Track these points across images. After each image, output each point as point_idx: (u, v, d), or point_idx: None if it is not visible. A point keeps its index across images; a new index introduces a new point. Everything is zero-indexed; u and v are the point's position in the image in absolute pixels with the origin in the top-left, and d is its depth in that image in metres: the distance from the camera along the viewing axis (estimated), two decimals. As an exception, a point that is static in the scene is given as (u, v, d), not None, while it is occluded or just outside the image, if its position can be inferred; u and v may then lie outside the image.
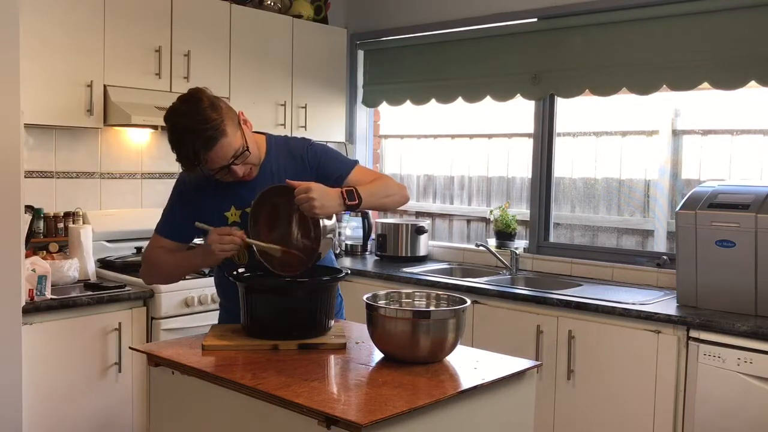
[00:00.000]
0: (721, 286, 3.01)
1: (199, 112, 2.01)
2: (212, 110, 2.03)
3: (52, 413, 3.01)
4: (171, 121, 2.04)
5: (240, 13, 4.02)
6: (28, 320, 2.87)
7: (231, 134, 2.04)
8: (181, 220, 2.22)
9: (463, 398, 1.68)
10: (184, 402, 1.88)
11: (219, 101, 2.08)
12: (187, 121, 2.01)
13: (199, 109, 2.01)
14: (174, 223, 2.24)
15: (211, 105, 2.04)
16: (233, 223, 2.18)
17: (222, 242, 2.03)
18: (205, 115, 2.01)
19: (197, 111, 2.01)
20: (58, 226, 3.54)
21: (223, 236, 2.04)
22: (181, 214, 2.22)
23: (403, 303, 2.08)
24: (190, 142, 2.00)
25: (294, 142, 2.30)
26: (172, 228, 2.24)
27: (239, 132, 2.08)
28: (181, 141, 2.02)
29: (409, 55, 4.55)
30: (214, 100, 2.07)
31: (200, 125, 1.99)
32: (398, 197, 2.24)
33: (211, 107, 2.03)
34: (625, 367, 3.04)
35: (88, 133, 3.71)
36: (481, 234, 4.52)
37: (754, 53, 3.26)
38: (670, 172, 3.78)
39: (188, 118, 2.01)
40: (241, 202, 2.18)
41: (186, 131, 2.00)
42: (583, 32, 3.78)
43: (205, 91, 2.08)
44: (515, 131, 4.37)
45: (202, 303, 3.40)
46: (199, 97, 2.05)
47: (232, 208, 2.18)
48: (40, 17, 3.21)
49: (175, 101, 2.08)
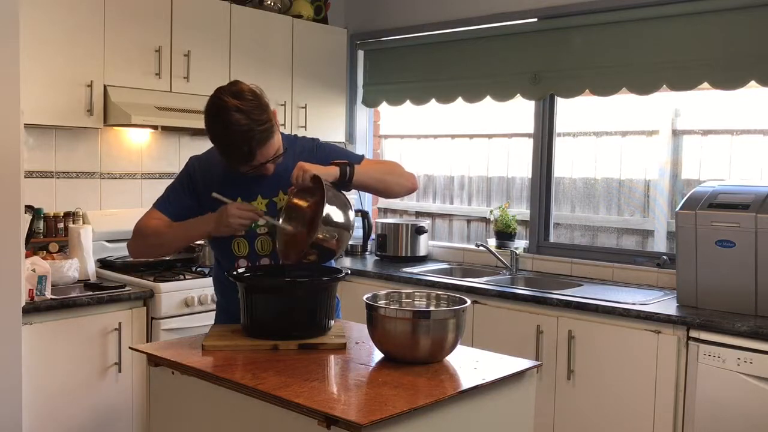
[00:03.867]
0: (721, 286, 3.01)
1: (255, 111, 2.03)
2: (263, 110, 2.06)
3: (52, 413, 3.01)
4: (224, 119, 2.02)
5: (240, 13, 4.02)
6: (28, 320, 2.87)
7: (276, 133, 2.11)
8: (183, 203, 2.25)
9: (463, 398, 1.68)
10: (184, 402, 1.88)
11: (265, 99, 2.10)
12: (244, 120, 2.01)
13: (255, 107, 2.04)
14: (175, 203, 2.26)
15: (262, 104, 2.07)
16: None
17: (241, 215, 2.06)
18: (260, 114, 2.04)
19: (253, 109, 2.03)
20: (58, 226, 3.54)
21: (243, 210, 2.08)
22: (184, 199, 2.26)
23: (403, 303, 2.07)
24: (247, 140, 2.02)
25: (303, 141, 2.33)
26: (172, 208, 2.26)
27: (278, 132, 2.14)
28: (237, 138, 2.03)
29: (409, 55, 4.55)
30: (262, 99, 2.09)
31: (257, 125, 2.03)
32: (403, 180, 2.27)
33: (262, 106, 2.06)
34: (625, 367, 3.04)
35: (88, 133, 3.71)
36: (481, 234, 4.52)
37: (754, 53, 3.26)
38: (670, 172, 3.77)
39: (245, 116, 2.01)
40: (248, 196, 2.20)
41: (245, 129, 2.01)
42: (583, 32, 3.78)
43: (252, 88, 2.09)
44: (515, 131, 4.37)
45: (202, 303, 3.40)
46: (256, 94, 2.07)
47: (238, 199, 2.19)
48: (40, 17, 3.21)
49: (222, 96, 2.04)
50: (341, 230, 2.02)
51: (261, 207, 2.21)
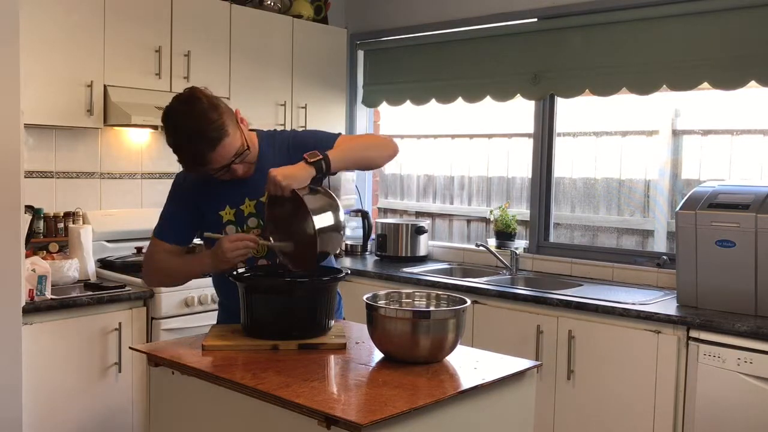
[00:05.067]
0: (721, 286, 3.01)
1: (201, 113, 1.99)
2: (213, 110, 2.01)
3: (52, 413, 3.01)
4: (171, 123, 2.02)
5: (240, 13, 4.02)
6: (28, 320, 2.87)
7: (232, 133, 2.03)
8: (181, 223, 2.22)
9: (463, 398, 1.68)
10: (184, 402, 1.88)
11: (217, 100, 2.07)
12: (190, 123, 1.98)
13: (201, 110, 1.99)
14: (173, 226, 2.22)
15: (211, 105, 2.02)
16: (228, 221, 2.18)
17: (236, 248, 2.03)
18: (207, 115, 1.99)
19: (199, 112, 1.99)
20: (58, 226, 3.54)
21: (236, 242, 2.04)
22: (180, 217, 2.22)
23: (403, 303, 2.07)
24: (195, 143, 1.98)
25: (282, 136, 2.27)
26: (171, 231, 2.22)
27: (239, 131, 2.07)
28: (184, 143, 2.00)
29: (409, 55, 4.55)
30: (213, 100, 2.05)
31: (203, 126, 1.97)
32: (382, 151, 2.19)
33: (211, 107, 2.01)
34: (625, 367, 3.04)
35: (88, 133, 3.71)
36: (481, 234, 4.52)
37: (754, 53, 3.26)
38: (670, 172, 3.78)
39: (191, 119, 1.99)
40: (235, 201, 2.17)
41: (190, 133, 1.98)
42: (583, 32, 3.78)
43: (204, 91, 2.06)
44: (515, 131, 4.37)
45: (202, 303, 3.40)
46: (198, 97, 2.03)
47: (226, 207, 2.17)
48: (41, 17, 3.21)
49: (172, 102, 2.05)
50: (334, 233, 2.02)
51: (229, 216, 2.18)
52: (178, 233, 2.23)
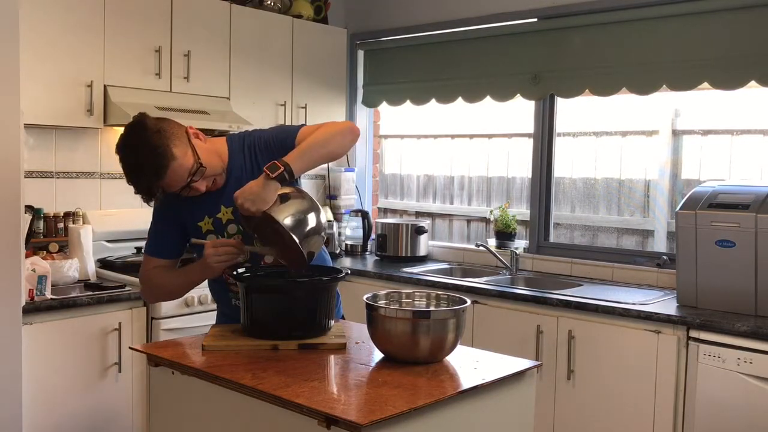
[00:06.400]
0: (721, 286, 3.01)
1: (143, 143, 1.97)
2: (157, 137, 1.98)
3: (52, 413, 3.01)
4: (120, 155, 2.01)
5: (240, 13, 4.02)
6: (28, 320, 2.87)
7: (180, 155, 2.00)
8: (168, 236, 2.22)
9: (463, 398, 1.68)
10: (184, 402, 1.88)
11: (162, 123, 2.04)
12: (134, 155, 1.98)
13: (144, 139, 1.97)
14: (161, 241, 2.23)
15: (155, 131, 1.99)
16: (207, 231, 2.17)
17: (217, 254, 2.03)
18: (150, 144, 1.96)
19: (142, 142, 1.97)
20: (58, 226, 3.54)
21: (218, 248, 2.04)
22: (166, 231, 2.22)
23: (403, 303, 2.07)
24: (141, 175, 1.98)
25: (250, 137, 2.22)
26: (161, 246, 2.23)
27: (189, 150, 2.03)
28: (133, 175, 1.99)
29: (409, 55, 4.55)
30: (158, 124, 2.02)
31: (147, 156, 1.96)
32: (342, 137, 2.09)
33: (155, 134, 1.99)
34: (625, 367, 3.04)
35: (88, 133, 3.71)
36: (481, 234, 4.52)
37: (754, 53, 3.26)
38: (670, 172, 3.78)
39: (134, 151, 1.98)
40: (212, 210, 2.17)
41: (135, 166, 1.98)
42: (583, 32, 3.78)
43: (149, 116, 2.04)
44: (515, 131, 4.37)
45: (202, 303, 3.40)
46: (143, 125, 2.01)
47: (205, 217, 2.17)
48: (41, 17, 3.21)
49: (123, 131, 2.04)
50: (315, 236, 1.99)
51: (208, 226, 2.17)
52: (167, 248, 2.23)
